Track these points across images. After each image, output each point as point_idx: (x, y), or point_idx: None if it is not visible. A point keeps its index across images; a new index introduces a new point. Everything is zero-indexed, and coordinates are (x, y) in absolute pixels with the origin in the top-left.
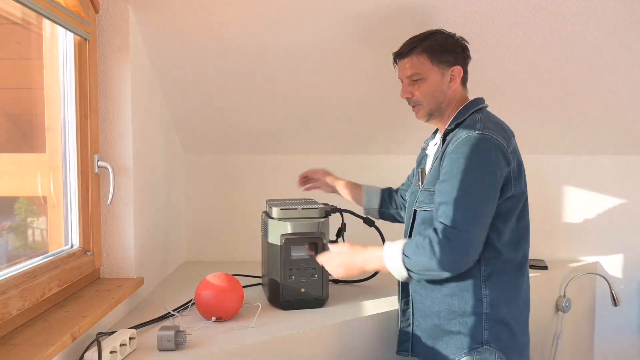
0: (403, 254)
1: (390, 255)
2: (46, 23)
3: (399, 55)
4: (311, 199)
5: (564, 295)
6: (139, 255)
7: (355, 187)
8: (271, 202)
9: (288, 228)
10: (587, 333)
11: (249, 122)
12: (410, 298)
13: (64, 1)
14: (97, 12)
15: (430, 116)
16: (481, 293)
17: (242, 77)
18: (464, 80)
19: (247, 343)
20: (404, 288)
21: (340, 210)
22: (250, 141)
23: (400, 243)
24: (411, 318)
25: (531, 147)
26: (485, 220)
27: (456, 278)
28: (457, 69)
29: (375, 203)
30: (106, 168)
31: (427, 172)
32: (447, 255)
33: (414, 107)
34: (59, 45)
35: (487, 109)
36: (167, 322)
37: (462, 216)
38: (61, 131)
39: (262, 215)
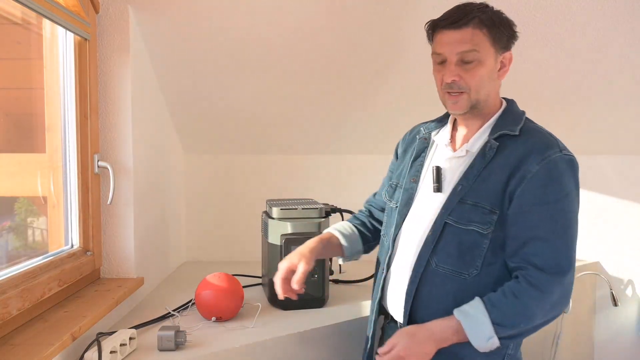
0: (496, 324)
1: (477, 333)
2: (46, 23)
3: (452, 24)
4: (311, 199)
5: None
6: (139, 255)
7: (330, 241)
8: (271, 202)
9: (288, 228)
10: (587, 333)
11: (249, 122)
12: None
13: (64, 1)
14: (97, 12)
15: (472, 109)
16: None
17: (242, 77)
18: None
19: (247, 343)
20: (406, 311)
21: (341, 210)
22: (250, 141)
23: (483, 313)
24: None
25: None
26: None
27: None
28: (509, 56)
29: (358, 244)
30: (106, 168)
31: (448, 172)
32: (552, 306)
33: (453, 95)
34: (59, 45)
35: None
36: (167, 322)
37: (567, 258)
38: (61, 131)
39: (262, 215)
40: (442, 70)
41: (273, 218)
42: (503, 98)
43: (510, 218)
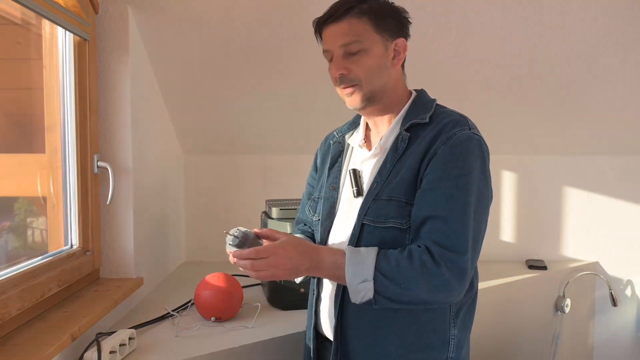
0: (378, 271)
1: (356, 269)
2: (46, 23)
3: (330, 19)
4: None
5: (564, 296)
6: (139, 255)
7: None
8: (271, 202)
9: (288, 228)
10: (586, 333)
11: (249, 122)
12: (349, 348)
13: (63, 1)
14: (96, 12)
15: (368, 101)
16: (449, 334)
17: (242, 77)
18: (404, 61)
19: (247, 343)
20: (339, 337)
21: None
22: (250, 141)
23: (372, 254)
24: None
25: (531, 148)
26: (481, 243)
27: (422, 316)
28: (402, 42)
29: None
30: (106, 168)
31: (366, 174)
32: (443, 283)
33: (346, 87)
34: (59, 46)
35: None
36: (166, 323)
37: (464, 237)
38: (61, 131)
39: (262, 216)
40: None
41: (273, 218)
42: (414, 90)
43: (415, 200)
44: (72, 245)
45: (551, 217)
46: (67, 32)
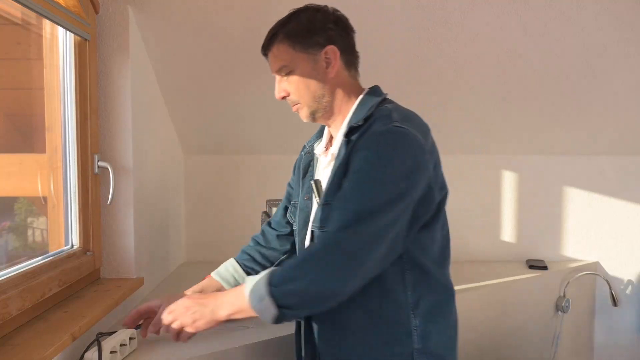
0: (270, 285)
1: (253, 291)
2: (46, 23)
3: (263, 50)
4: None
5: (564, 295)
6: (139, 255)
7: (210, 284)
8: (271, 202)
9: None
10: (587, 333)
11: (248, 122)
12: (317, 352)
13: (64, 1)
14: (97, 12)
15: (313, 115)
16: (410, 325)
17: (242, 77)
18: (350, 63)
19: (247, 343)
20: (307, 339)
21: None
22: (251, 141)
23: (264, 273)
24: None
25: (531, 148)
26: (386, 228)
27: (378, 311)
28: (331, 50)
29: (230, 277)
30: (106, 168)
31: (324, 182)
32: (330, 265)
33: (293, 106)
34: (59, 46)
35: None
36: None
37: (354, 216)
38: (61, 131)
39: (262, 216)
40: None
41: None
42: (369, 88)
43: None
44: (72, 245)
45: (551, 217)
46: (67, 32)
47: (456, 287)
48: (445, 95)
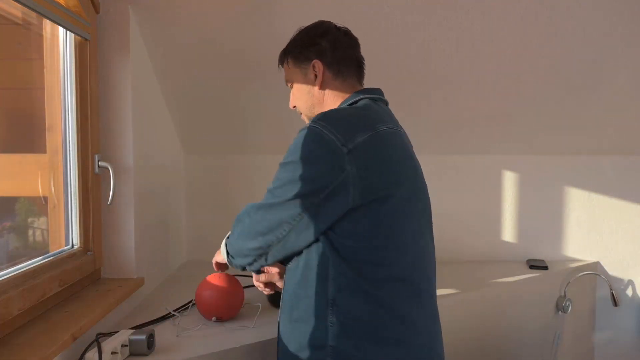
0: (227, 237)
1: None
2: (46, 23)
3: (279, 64)
4: None
5: (564, 295)
6: (140, 255)
7: None
8: None
9: None
10: (587, 333)
11: (249, 121)
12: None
13: (64, 1)
14: (97, 12)
15: None
16: (326, 321)
17: (242, 76)
18: (339, 73)
19: (248, 343)
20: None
21: None
22: (250, 141)
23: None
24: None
25: (531, 148)
26: (272, 218)
27: (305, 297)
28: (317, 63)
29: None
30: (107, 168)
31: None
32: (242, 229)
33: (301, 115)
34: (60, 46)
35: (376, 102)
36: (167, 322)
37: (263, 201)
38: (62, 131)
39: None
40: None
41: None
42: (365, 89)
43: None
44: (73, 245)
45: (552, 217)
46: (68, 32)
47: (456, 288)
48: (445, 95)
